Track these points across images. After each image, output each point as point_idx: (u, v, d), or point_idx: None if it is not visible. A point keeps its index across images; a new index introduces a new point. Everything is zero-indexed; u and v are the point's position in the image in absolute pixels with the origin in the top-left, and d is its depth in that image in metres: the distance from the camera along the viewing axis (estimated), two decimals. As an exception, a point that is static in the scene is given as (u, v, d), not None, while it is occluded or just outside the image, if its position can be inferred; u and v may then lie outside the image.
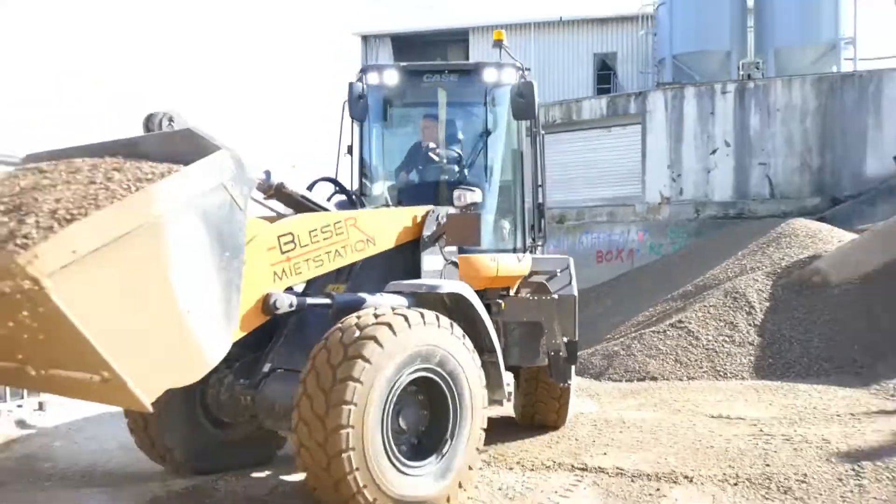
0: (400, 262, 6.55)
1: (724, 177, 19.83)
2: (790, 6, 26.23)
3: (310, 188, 6.74)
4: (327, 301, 5.74)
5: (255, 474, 6.79)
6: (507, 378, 6.55)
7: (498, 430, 8.33)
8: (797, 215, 17.32)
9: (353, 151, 8.22)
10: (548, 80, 30.15)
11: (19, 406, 9.53)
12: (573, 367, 8.13)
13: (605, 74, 30.44)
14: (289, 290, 5.80)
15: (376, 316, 5.25)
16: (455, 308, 6.22)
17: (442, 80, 7.99)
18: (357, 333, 5.08)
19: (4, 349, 4.28)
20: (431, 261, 6.67)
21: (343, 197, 7.27)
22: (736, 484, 6.38)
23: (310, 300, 5.75)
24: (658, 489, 6.32)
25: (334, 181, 7.44)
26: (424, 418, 5.67)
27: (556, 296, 7.83)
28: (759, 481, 6.39)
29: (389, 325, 5.15)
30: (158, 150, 4.81)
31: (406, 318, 5.26)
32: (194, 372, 4.49)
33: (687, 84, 21.82)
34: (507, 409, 8.47)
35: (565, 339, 7.66)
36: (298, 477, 6.67)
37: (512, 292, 7.75)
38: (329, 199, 6.93)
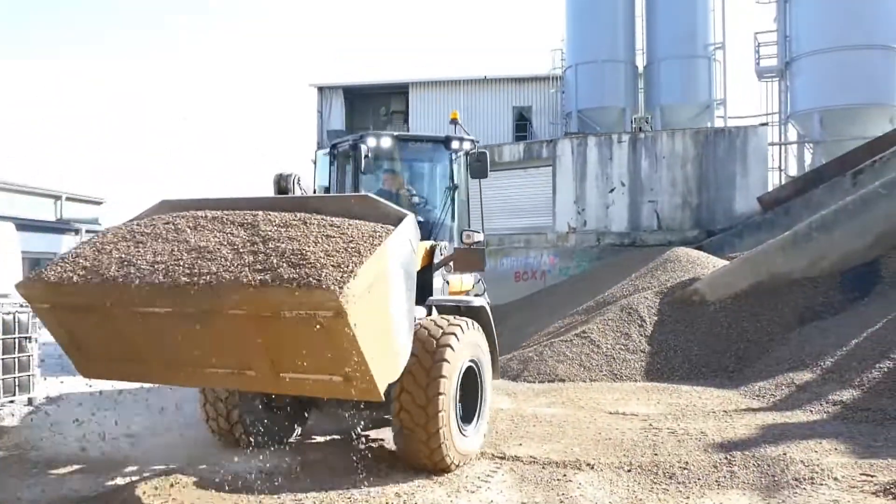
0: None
1: (620, 211, 20.07)
2: (673, 73, 26.86)
3: None
4: None
5: (221, 465, 6.61)
6: None
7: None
8: (680, 244, 17.53)
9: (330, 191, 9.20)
10: (473, 128, 30.19)
11: (11, 402, 9.18)
12: None
13: (522, 124, 30.67)
14: None
15: (448, 322, 6.44)
16: (468, 314, 7.15)
17: (420, 146, 9.08)
18: (441, 331, 6.27)
19: (251, 359, 5.01)
20: (437, 281, 7.66)
21: None
22: (629, 470, 6.40)
23: None
24: (565, 475, 6.31)
25: None
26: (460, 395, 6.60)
27: None
28: (648, 468, 6.42)
29: (460, 327, 6.43)
30: (332, 209, 5.64)
31: (466, 323, 6.55)
32: (399, 371, 5.34)
33: (589, 134, 22.08)
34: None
35: None
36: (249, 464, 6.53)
37: None
38: None
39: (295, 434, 7.72)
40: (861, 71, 22.65)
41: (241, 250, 4.97)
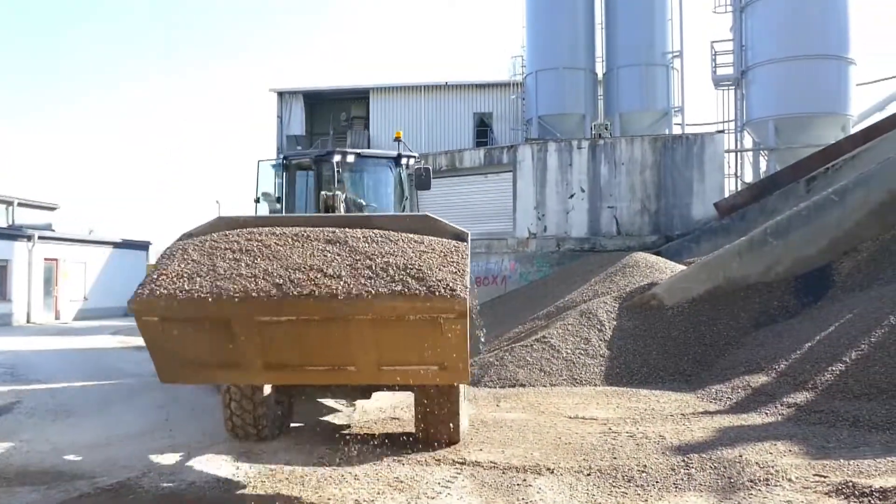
0: None
1: (580, 217, 20.25)
2: (632, 80, 27.24)
3: None
4: None
5: (175, 474, 6.51)
6: None
7: (384, 427, 8.20)
8: (638, 249, 17.77)
9: (260, 200, 10.43)
10: (435, 134, 30.35)
11: (-41, 414, 8.96)
12: None
13: (483, 130, 30.81)
14: None
15: None
16: None
17: (376, 161, 10.45)
18: None
19: (356, 356, 5.76)
20: None
21: None
22: (589, 474, 6.44)
23: None
24: (525, 479, 6.33)
25: None
26: None
27: None
28: (608, 472, 6.46)
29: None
30: (393, 225, 6.48)
31: None
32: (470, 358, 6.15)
33: (550, 140, 22.24)
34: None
35: None
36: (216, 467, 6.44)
37: None
38: None
39: (286, 426, 8.39)
40: (814, 80, 23.19)
41: (354, 266, 5.78)
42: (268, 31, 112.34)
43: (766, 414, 8.59)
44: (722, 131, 23.08)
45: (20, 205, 31.44)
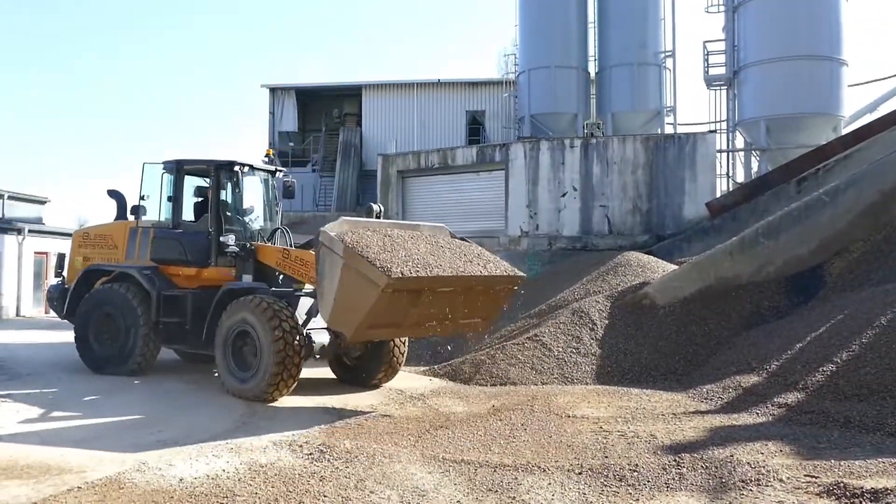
0: None
1: (572, 215, 20.21)
2: (624, 80, 27.21)
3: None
4: None
5: (165, 469, 6.45)
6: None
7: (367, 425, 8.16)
8: (630, 249, 17.74)
9: (145, 198, 11.74)
10: (427, 131, 30.33)
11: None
12: None
13: (475, 128, 30.79)
14: None
15: None
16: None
17: (263, 173, 12.24)
18: None
19: (457, 312, 8.89)
20: None
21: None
22: (580, 473, 6.41)
23: None
24: (516, 478, 6.30)
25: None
26: None
27: None
28: (599, 471, 6.44)
29: None
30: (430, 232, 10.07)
31: None
32: None
33: (542, 138, 22.19)
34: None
35: None
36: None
37: None
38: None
39: None
40: (806, 81, 23.19)
41: (462, 258, 9.11)
42: (262, 27, 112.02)
43: (757, 414, 8.58)
44: (714, 131, 23.06)
45: (10, 198, 31.19)
